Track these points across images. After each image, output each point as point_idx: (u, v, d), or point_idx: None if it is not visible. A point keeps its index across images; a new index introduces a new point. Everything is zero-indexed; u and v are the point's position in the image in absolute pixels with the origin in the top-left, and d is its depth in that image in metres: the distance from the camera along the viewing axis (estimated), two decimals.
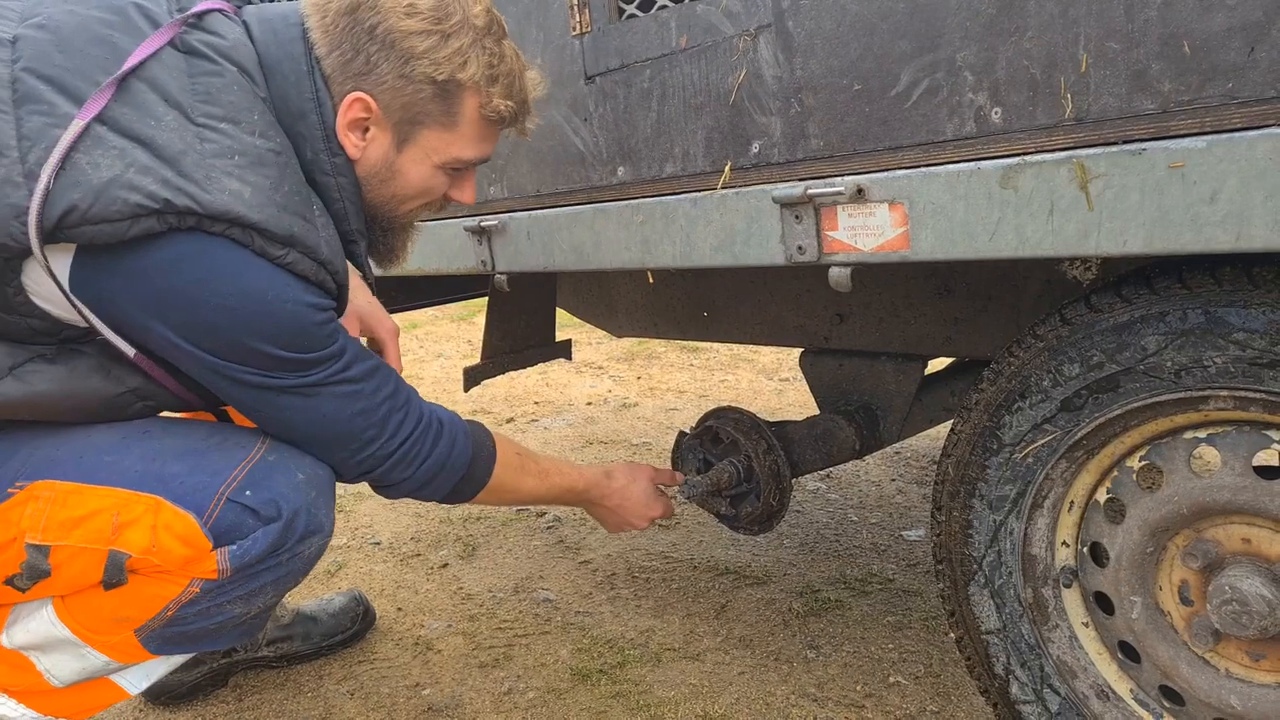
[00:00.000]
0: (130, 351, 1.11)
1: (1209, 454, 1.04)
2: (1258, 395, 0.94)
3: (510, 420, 3.86)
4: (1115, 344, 1.03)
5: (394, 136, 1.20)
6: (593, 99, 1.46)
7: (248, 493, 1.13)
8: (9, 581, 1.11)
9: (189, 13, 1.10)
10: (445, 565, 2.38)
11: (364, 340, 1.61)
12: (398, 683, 1.81)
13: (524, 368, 2.46)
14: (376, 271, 1.46)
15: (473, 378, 2.30)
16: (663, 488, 1.69)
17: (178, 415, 1.32)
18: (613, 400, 4.10)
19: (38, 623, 1.16)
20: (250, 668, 1.87)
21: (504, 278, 1.72)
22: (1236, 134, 0.81)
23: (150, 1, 1.11)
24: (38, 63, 1.02)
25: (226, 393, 1.14)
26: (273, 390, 1.12)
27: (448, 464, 1.29)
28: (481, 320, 2.32)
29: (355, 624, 1.98)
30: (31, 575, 1.09)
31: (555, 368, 4.76)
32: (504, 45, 1.22)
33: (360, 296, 1.57)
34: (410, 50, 1.13)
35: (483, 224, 1.65)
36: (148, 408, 1.19)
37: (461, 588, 2.23)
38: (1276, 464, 1.09)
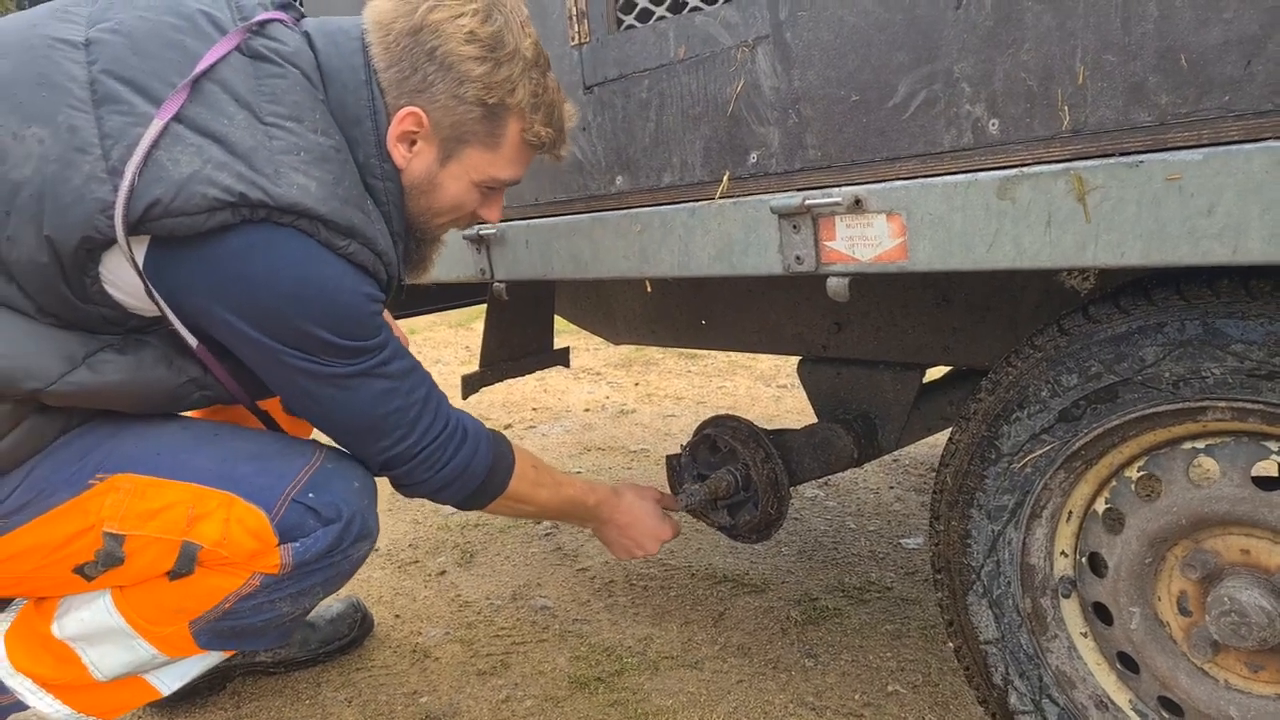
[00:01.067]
0: (194, 343, 1.17)
1: (1208, 464, 1.04)
2: (1256, 406, 0.94)
3: (508, 426, 3.86)
4: (1113, 355, 1.03)
5: (439, 152, 1.26)
6: (591, 109, 1.47)
7: (311, 495, 1.22)
8: (79, 570, 1.18)
9: (252, 20, 1.17)
10: (443, 572, 2.37)
11: None
12: (395, 690, 1.80)
13: (522, 375, 2.45)
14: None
15: (471, 385, 2.30)
16: (667, 511, 1.69)
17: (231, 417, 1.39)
18: (610, 407, 4.10)
19: (92, 612, 1.23)
20: (248, 673, 1.87)
21: (502, 286, 1.72)
22: (1234, 147, 0.81)
23: (215, 9, 1.17)
24: (115, 65, 1.08)
25: (277, 378, 1.19)
26: (320, 378, 1.17)
27: (468, 470, 1.33)
28: (479, 327, 2.32)
29: (353, 631, 1.97)
30: (106, 562, 1.17)
31: (553, 374, 4.76)
32: (548, 77, 1.29)
33: None
34: (466, 74, 1.19)
35: (481, 232, 1.65)
36: (205, 398, 1.25)
37: (459, 595, 2.23)
38: (1275, 475, 1.09)
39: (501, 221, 1.64)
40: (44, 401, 1.12)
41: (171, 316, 1.13)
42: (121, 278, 1.09)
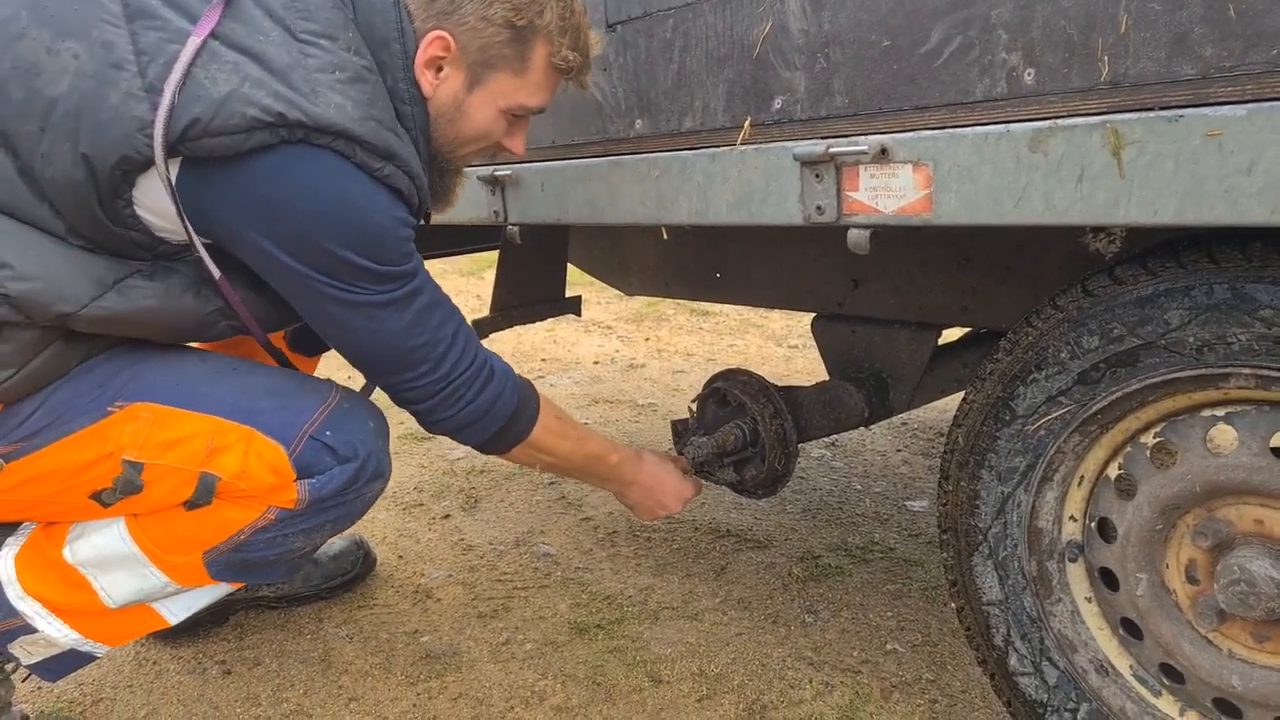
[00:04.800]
0: (217, 274, 1.16)
1: (1225, 433, 1.03)
2: None
3: None
4: (1137, 317, 1.01)
5: (467, 77, 1.23)
6: (613, 48, 1.43)
7: (328, 433, 1.22)
8: (95, 496, 1.18)
9: None
10: (447, 516, 2.38)
11: None
12: (396, 629, 1.82)
13: (533, 322, 2.44)
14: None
15: (481, 330, 2.29)
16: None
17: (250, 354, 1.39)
18: (620, 360, 4.09)
19: (105, 538, 1.23)
20: (251, 607, 1.88)
21: (516, 229, 1.70)
22: (1279, 103, 0.78)
23: None
24: None
25: (306, 305, 1.18)
26: (349, 305, 1.16)
27: (491, 411, 1.32)
28: (490, 276, 2.30)
29: (355, 568, 1.99)
30: (124, 489, 1.17)
31: (563, 326, 4.75)
32: (575, 1, 1.27)
33: None
34: None
35: (496, 174, 1.63)
36: (231, 328, 1.24)
37: (463, 539, 2.24)
38: None
39: (517, 163, 1.61)
40: (72, 326, 1.11)
41: (197, 242, 1.12)
42: (155, 200, 1.07)
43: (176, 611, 1.34)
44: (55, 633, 1.27)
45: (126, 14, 1.04)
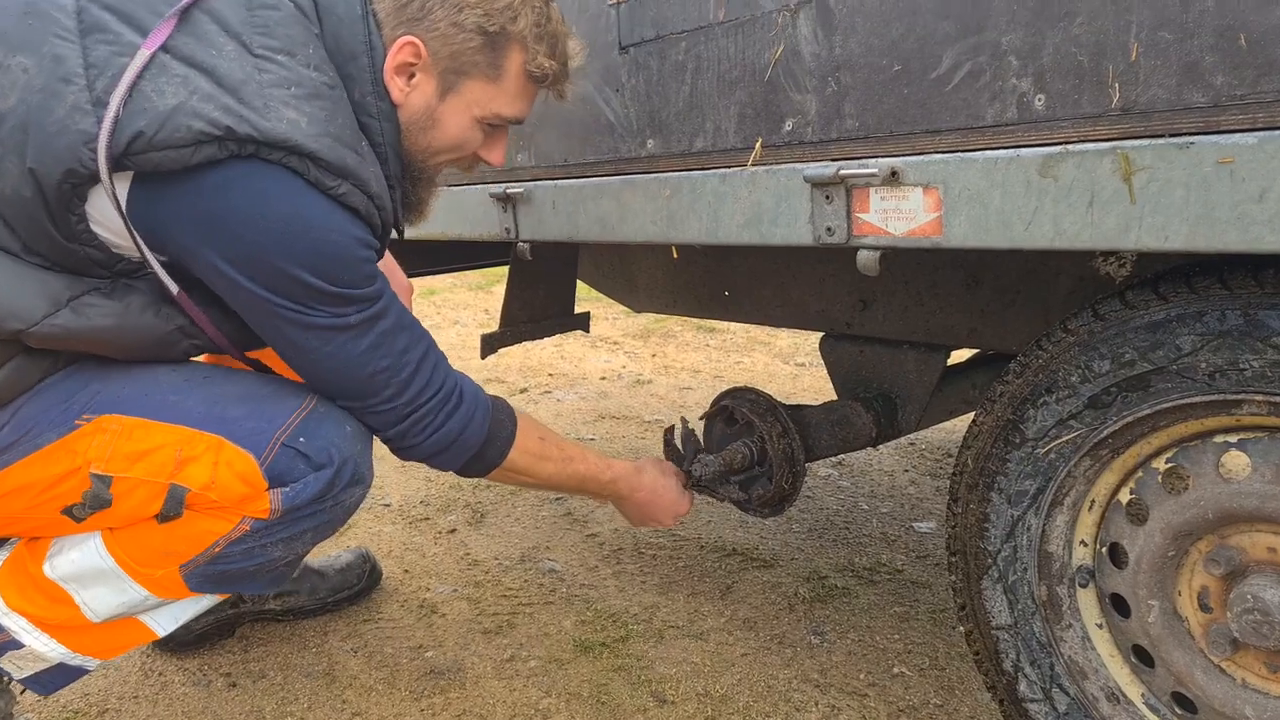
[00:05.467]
0: (174, 289, 1.13)
1: (1238, 459, 1.02)
2: None
3: (524, 390, 3.86)
4: (1149, 342, 1.01)
5: (439, 84, 1.21)
6: (626, 70, 1.44)
7: (301, 439, 1.18)
8: (67, 511, 1.16)
9: None
10: (453, 530, 2.38)
11: None
12: (401, 643, 1.82)
13: (541, 338, 2.45)
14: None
15: (490, 345, 2.29)
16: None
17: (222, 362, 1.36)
18: (627, 376, 4.09)
19: (83, 554, 1.21)
20: (257, 620, 1.88)
21: (526, 246, 1.71)
22: None
23: None
24: None
25: (264, 327, 1.16)
26: (306, 328, 1.13)
27: (459, 440, 1.30)
28: (499, 290, 2.31)
29: (361, 581, 1.99)
30: (93, 504, 1.14)
31: (571, 341, 4.76)
32: (551, 7, 1.26)
33: None
34: None
35: (508, 191, 1.64)
36: (194, 346, 1.22)
37: (468, 553, 2.24)
38: None
39: (529, 182, 1.62)
40: (27, 343, 1.10)
41: (151, 259, 1.09)
42: (107, 216, 1.06)
43: (164, 624, 1.32)
44: (42, 647, 1.25)
45: (80, 28, 1.03)
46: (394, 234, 1.32)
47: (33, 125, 1.01)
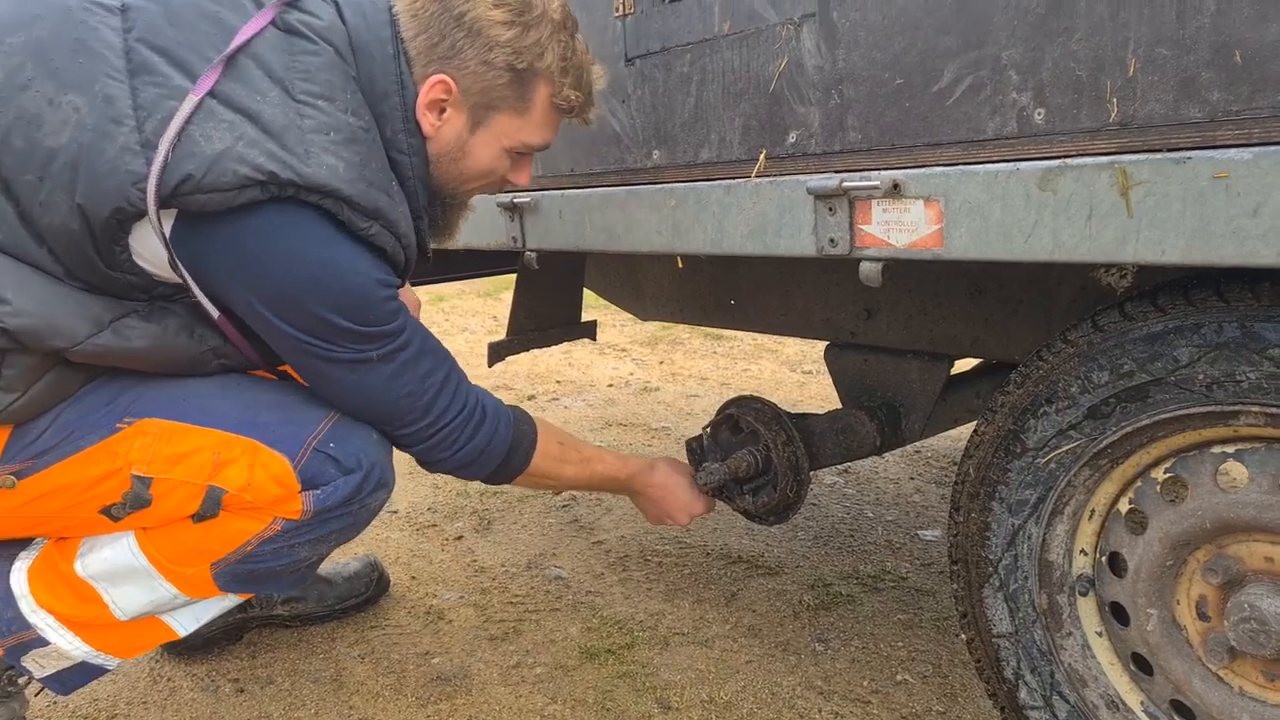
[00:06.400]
0: (215, 314, 1.19)
1: (1236, 470, 1.03)
2: None
3: (531, 398, 3.88)
4: (1147, 353, 1.02)
5: (469, 118, 1.27)
6: (632, 81, 1.46)
7: (332, 445, 1.24)
8: (105, 510, 1.21)
9: None
10: (460, 537, 2.40)
11: None
12: (408, 650, 1.83)
13: (548, 346, 2.47)
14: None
15: (497, 353, 2.31)
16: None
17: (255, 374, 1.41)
18: (634, 383, 4.11)
19: (115, 551, 1.25)
20: (264, 625, 1.90)
21: (534, 255, 1.73)
22: None
23: None
24: (150, 34, 1.09)
25: (289, 357, 1.23)
26: (332, 361, 1.20)
27: (486, 450, 1.36)
28: (507, 297, 2.33)
29: (369, 589, 2.00)
30: (133, 504, 1.19)
31: (579, 349, 4.77)
32: (576, 40, 1.30)
33: None
34: (494, 39, 1.21)
35: (515, 200, 1.66)
36: (223, 365, 1.28)
37: (475, 560, 2.25)
38: None
39: (536, 191, 1.64)
40: (69, 359, 1.15)
41: (195, 288, 1.15)
42: (149, 248, 1.11)
43: (185, 623, 1.36)
44: (67, 645, 1.29)
45: (129, 69, 1.07)
46: (429, 250, 1.38)
47: (83, 164, 1.05)
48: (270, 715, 1.63)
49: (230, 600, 1.38)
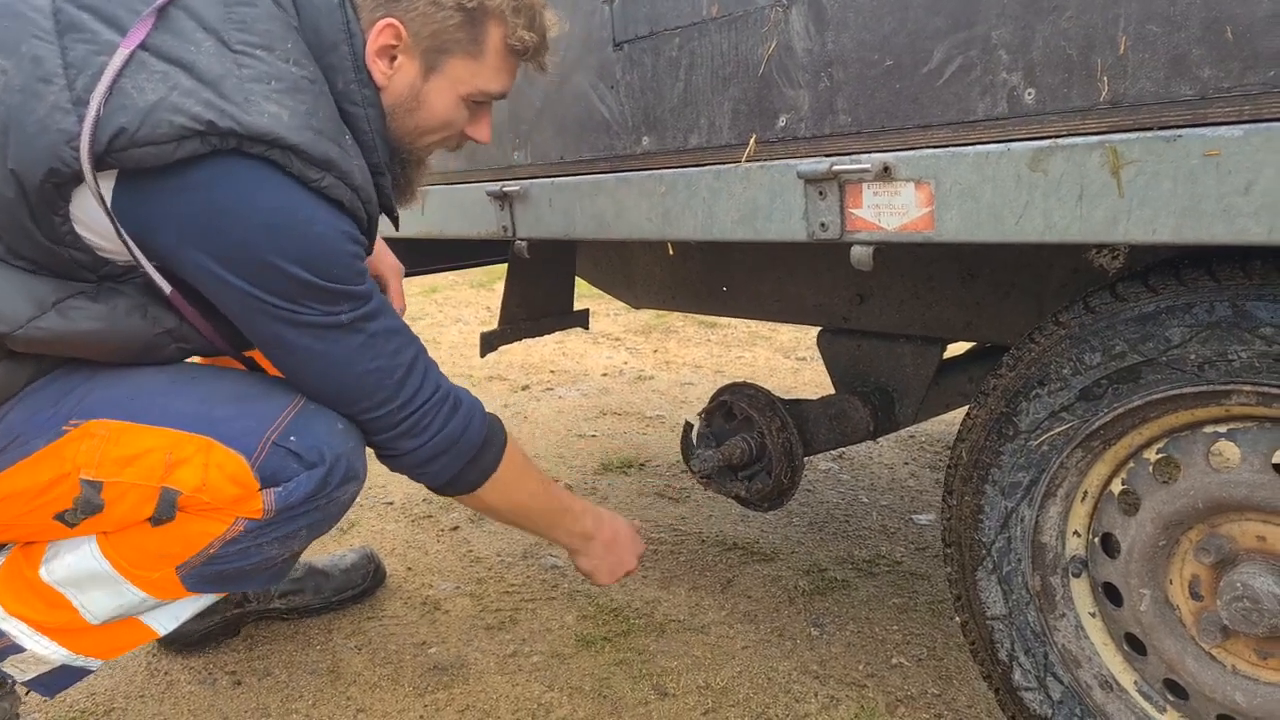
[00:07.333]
0: (167, 288, 1.13)
1: (1228, 449, 1.03)
2: None
3: (525, 388, 3.87)
4: (1139, 334, 1.02)
5: (421, 65, 1.22)
6: (620, 66, 1.45)
7: (292, 438, 1.17)
8: (59, 517, 1.15)
9: None
10: (456, 528, 2.40)
11: None
12: (405, 640, 1.83)
13: (541, 335, 2.46)
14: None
15: (489, 343, 2.30)
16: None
17: (213, 362, 1.35)
18: (628, 372, 4.10)
19: (78, 557, 1.20)
20: (261, 619, 1.90)
21: (524, 244, 1.72)
22: (1275, 124, 0.79)
23: None
24: None
25: (252, 326, 1.14)
26: (297, 325, 1.12)
27: (459, 442, 1.27)
28: (501, 287, 2.32)
29: (366, 581, 2.00)
30: (85, 510, 1.13)
31: (572, 338, 4.77)
32: None
33: None
34: None
35: (505, 189, 1.65)
36: (181, 350, 1.22)
37: (471, 550, 2.25)
38: None
39: (526, 180, 1.63)
40: (11, 347, 1.10)
41: (142, 259, 1.09)
42: (92, 217, 1.06)
43: (164, 623, 1.31)
44: (43, 651, 1.24)
45: (57, 29, 1.03)
46: (388, 218, 1.31)
47: (13, 126, 1.01)
48: (268, 707, 1.63)
49: (207, 599, 1.33)
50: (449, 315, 5.65)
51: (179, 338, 1.19)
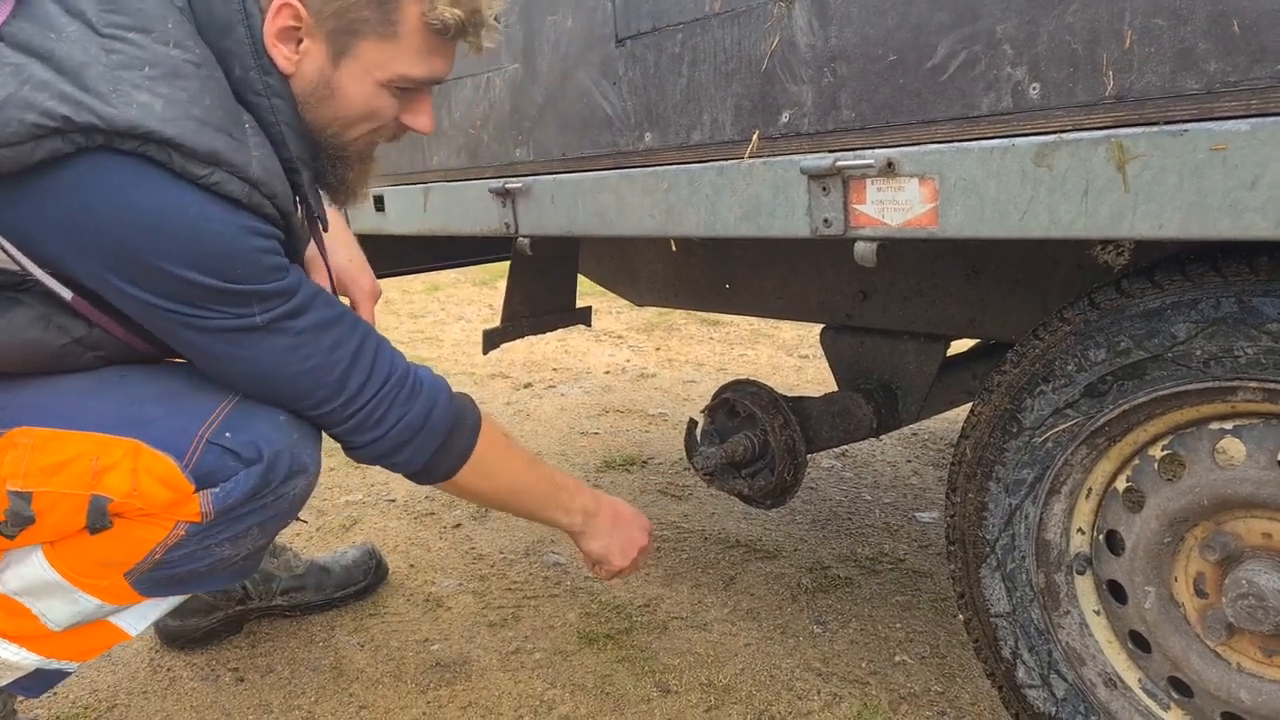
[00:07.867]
0: (67, 295, 1.04)
1: (1233, 446, 1.02)
2: None
3: (528, 385, 3.87)
4: (1144, 330, 1.01)
5: (329, 48, 1.10)
6: (622, 62, 1.45)
7: (228, 434, 1.09)
8: None
9: None
10: (458, 525, 2.40)
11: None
12: (407, 637, 1.83)
13: (544, 333, 2.46)
14: (333, 207, 1.37)
15: (492, 340, 2.30)
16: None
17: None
18: (631, 370, 4.10)
19: (29, 568, 1.14)
20: (264, 616, 1.90)
21: (527, 241, 1.72)
22: None
23: None
24: None
25: (163, 333, 1.07)
26: (207, 332, 1.04)
27: (424, 429, 1.19)
28: (503, 285, 2.32)
29: (368, 577, 2.00)
30: (16, 522, 1.07)
31: (575, 336, 4.76)
32: None
33: (340, 253, 1.51)
34: None
35: (507, 186, 1.64)
36: (99, 359, 1.13)
37: (473, 547, 2.25)
38: None
39: (528, 176, 1.63)
40: None
41: (31, 266, 1.00)
42: None
43: (133, 624, 1.26)
44: (14, 658, 1.19)
45: None
46: (322, 210, 1.23)
47: None
48: (270, 704, 1.63)
49: (172, 600, 1.27)
50: (451, 313, 5.65)
51: (92, 345, 1.11)
